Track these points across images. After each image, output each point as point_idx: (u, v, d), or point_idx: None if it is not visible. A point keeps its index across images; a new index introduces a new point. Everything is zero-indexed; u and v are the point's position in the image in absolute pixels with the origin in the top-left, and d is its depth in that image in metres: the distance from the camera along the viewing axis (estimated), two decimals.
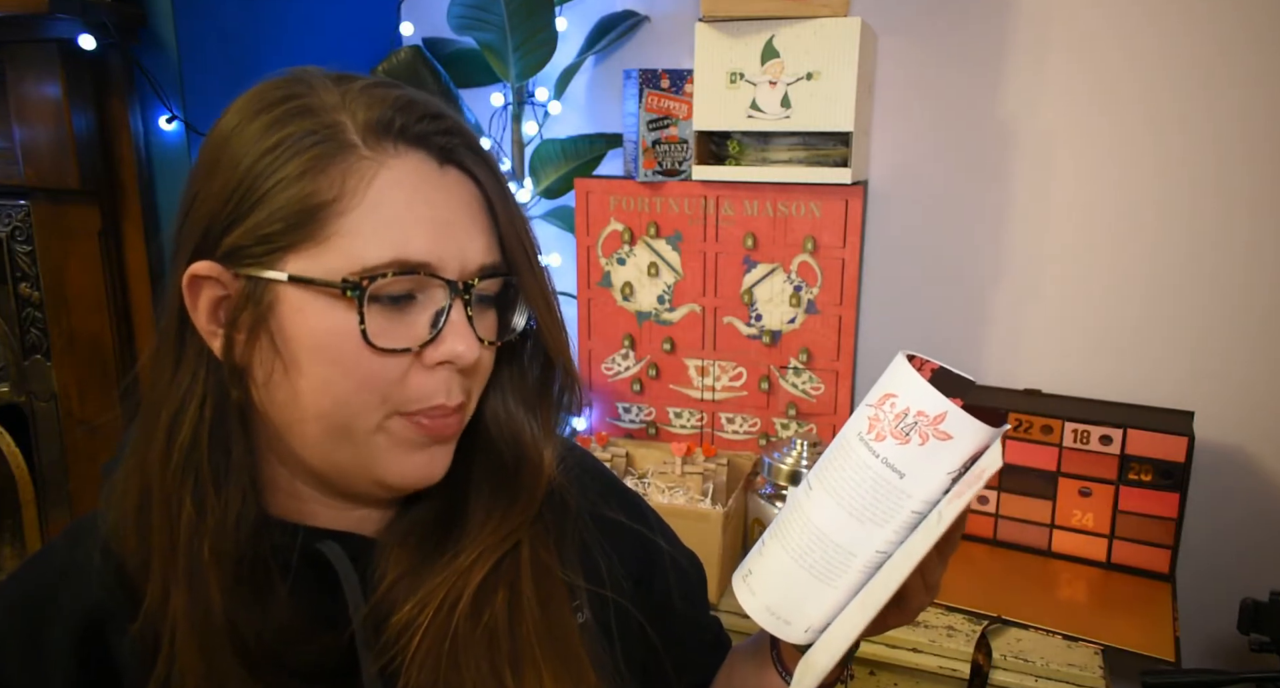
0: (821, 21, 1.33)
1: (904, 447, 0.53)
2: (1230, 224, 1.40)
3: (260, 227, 0.51)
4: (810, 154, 1.44)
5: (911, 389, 0.54)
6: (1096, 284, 1.49)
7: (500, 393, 0.63)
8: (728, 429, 1.62)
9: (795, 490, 0.61)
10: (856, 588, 0.57)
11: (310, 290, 0.51)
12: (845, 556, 0.56)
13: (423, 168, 0.53)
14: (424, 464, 0.57)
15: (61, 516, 1.54)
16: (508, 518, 0.60)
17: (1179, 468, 1.30)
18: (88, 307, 1.44)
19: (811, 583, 0.57)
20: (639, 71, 1.49)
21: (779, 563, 0.59)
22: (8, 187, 1.42)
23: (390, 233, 0.51)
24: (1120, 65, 1.42)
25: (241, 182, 0.52)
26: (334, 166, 0.51)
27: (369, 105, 0.53)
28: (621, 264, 1.61)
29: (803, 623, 0.59)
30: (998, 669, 1.16)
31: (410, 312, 0.53)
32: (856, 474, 0.55)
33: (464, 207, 0.55)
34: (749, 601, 0.60)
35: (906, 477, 0.54)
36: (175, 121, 1.39)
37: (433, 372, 0.54)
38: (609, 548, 0.68)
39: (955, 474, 0.54)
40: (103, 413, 1.47)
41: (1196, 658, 1.52)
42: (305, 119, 0.52)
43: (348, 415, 0.53)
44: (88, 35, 1.30)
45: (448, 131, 0.55)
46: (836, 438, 0.59)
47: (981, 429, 0.53)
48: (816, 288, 1.50)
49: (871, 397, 0.57)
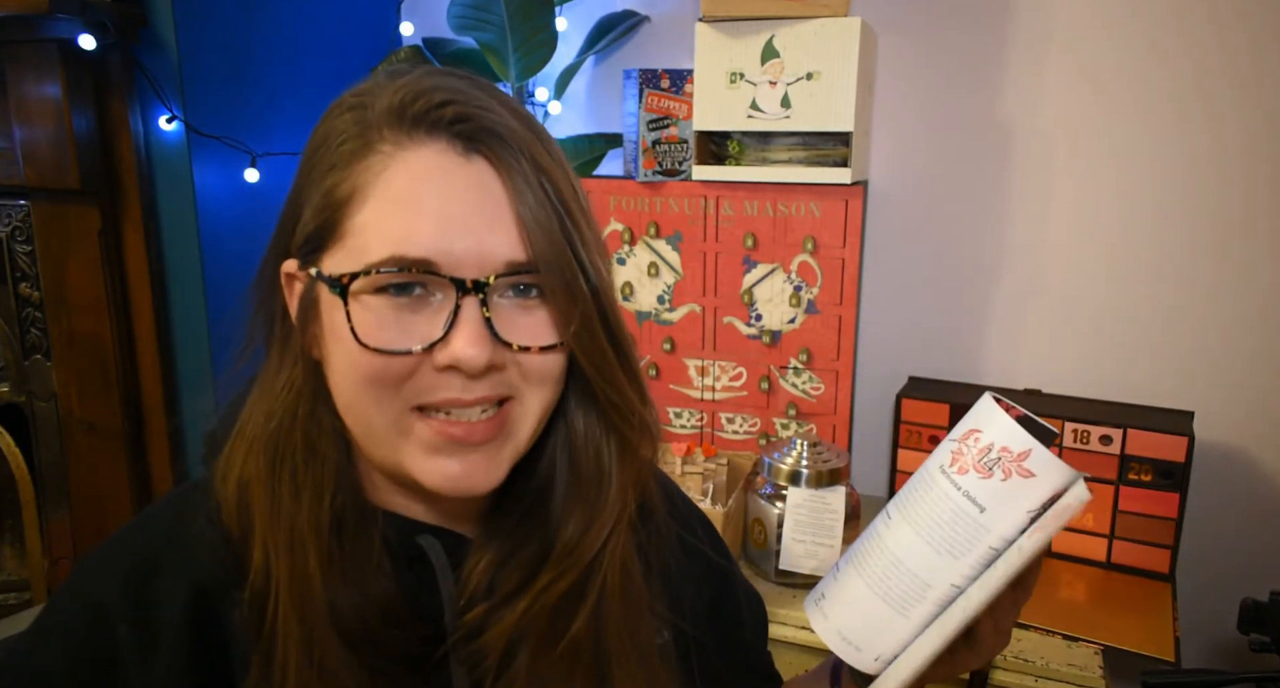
0: (821, 21, 1.32)
1: (986, 481, 0.55)
2: (1230, 224, 1.40)
3: (305, 226, 0.53)
4: (810, 154, 1.44)
5: (997, 426, 0.55)
6: (1096, 284, 1.49)
7: (584, 401, 0.58)
8: (728, 429, 1.62)
9: (875, 520, 0.61)
10: (928, 621, 0.58)
11: (328, 287, 0.52)
12: (921, 586, 0.57)
13: (441, 158, 0.50)
14: (458, 472, 0.53)
15: (61, 516, 1.54)
16: (587, 535, 0.58)
17: (1179, 468, 1.30)
18: (88, 307, 1.44)
19: (885, 611, 0.58)
20: (639, 71, 1.49)
21: (854, 589, 0.60)
22: (8, 187, 1.42)
23: (393, 228, 0.49)
24: (1120, 66, 1.42)
25: (297, 183, 0.54)
26: (359, 161, 0.51)
27: (393, 92, 0.51)
28: (622, 264, 1.61)
29: (873, 651, 0.59)
30: (998, 669, 1.16)
31: (422, 308, 0.51)
32: (937, 505, 0.56)
33: (488, 199, 0.51)
34: (821, 624, 0.61)
35: (987, 511, 0.55)
36: (175, 121, 1.39)
37: (444, 374, 0.51)
38: (690, 574, 0.68)
39: (1034, 514, 0.55)
40: (103, 413, 1.47)
41: (1196, 658, 1.52)
42: (347, 115, 0.53)
43: (363, 413, 0.53)
44: (88, 35, 1.30)
45: (469, 118, 0.51)
46: (919, 471, 0.59)
47: (1064, 470, 0.54)
48: (816, 288, 1.50)
49: (955, 433, 0.58)
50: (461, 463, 0.53)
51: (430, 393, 0.52)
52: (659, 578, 0.65)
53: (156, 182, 1.44)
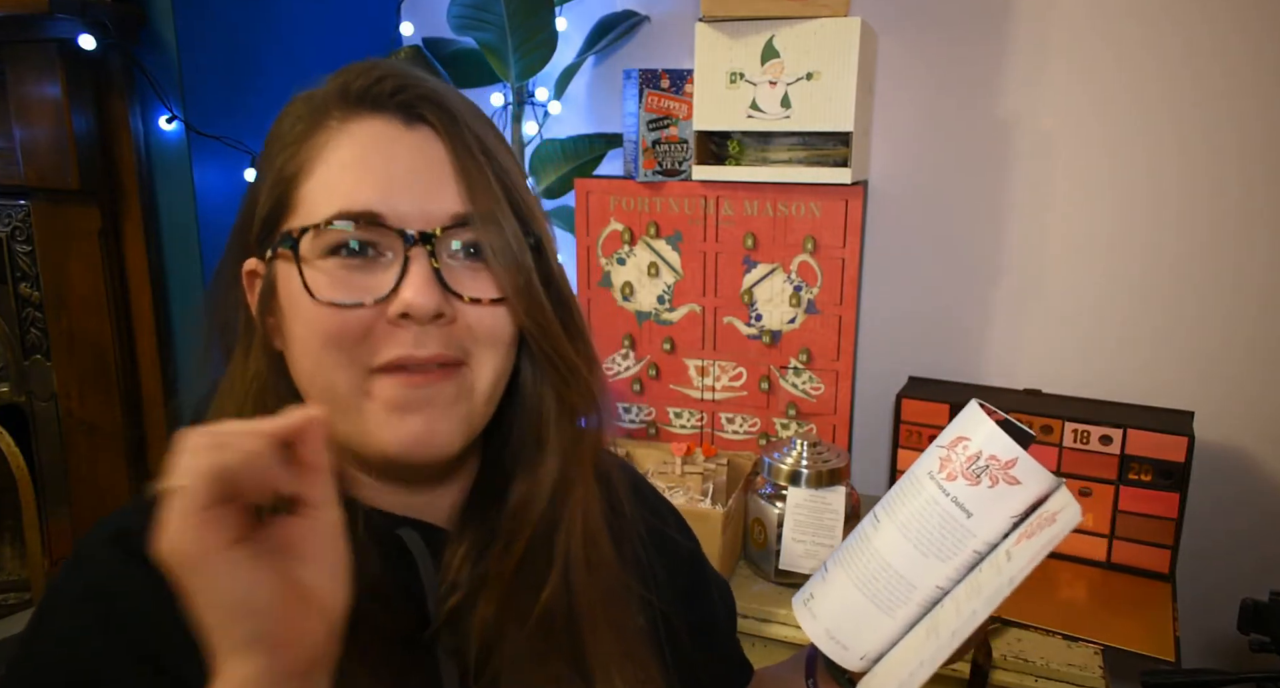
0: (821, 21, 1.33)
1: (974, 487, 0.56)
2: (1230, 224, 1.40)
3: (260, 210, 0.55)
4: (810, 154, 1.44)
5: (985, 434, 0.57)
6: (1096, 284, 1.49)
7: (532, 367, 0.59)
8: (728, 429, 1.62)
9: (863, 521, 0.63)
10: (912, 622, 0.59)
11: (283, 258, 0.54)
12: (907, 587, 0.59)
13: (387, 129, 0.54)
14: (419, 430, 0.53)
15: (61, 516, 1.54)
16: (530, 496, 0.59)
17: (1179, 468, 1.30)
18: (88, 307, 1.44)
19: (872, 611, 0.60)
20: (639, 71, 1.49)
21: (843, 591, 0.61)
22: (8, 186, 1.42)
23: (340, 187, 0.53)
24: (1119, 66, 1.42)
25: (253, 181, 0.57)
26: (305, 140, 0.54)
27: (340, 76, 0.56)
28: (621, 264, 1.61)
29: (859, 650, 0.61)
30: (998, 669, 1.16)
31: (374, 268, 0.53)
32: (925, 510, 0.58)
33: (434, 162, 0.54)
34: (810, 624, 0.63)
35: (974, 516, 0.57)
36: (175, 121, 1.39)
37: (398, 327, 0.52)
38: (663, 561, 0.70)
39: (1017, 519, 0.57)
40: (103, 413, 1.47)
41: (1196, 658, 1.52)
42: (298, 104, 0.57)
43: (327, 378, 0.53)
44: (88, 35, 1.30)
45: (414, 93, 0.55)
46: (905, 475, 0.61)
47: (1047, 477, 0.56)
48: (816, 288, 1.50)
49: (943, 439, 0.59)
50: (425, 421, 0.54)
51: (385, 351, 0.52)
52: (633, 562, 0.66)
53: (156, 182, 1.44)
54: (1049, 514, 0.55)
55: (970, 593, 0.56)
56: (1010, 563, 0.55)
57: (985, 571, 0.56)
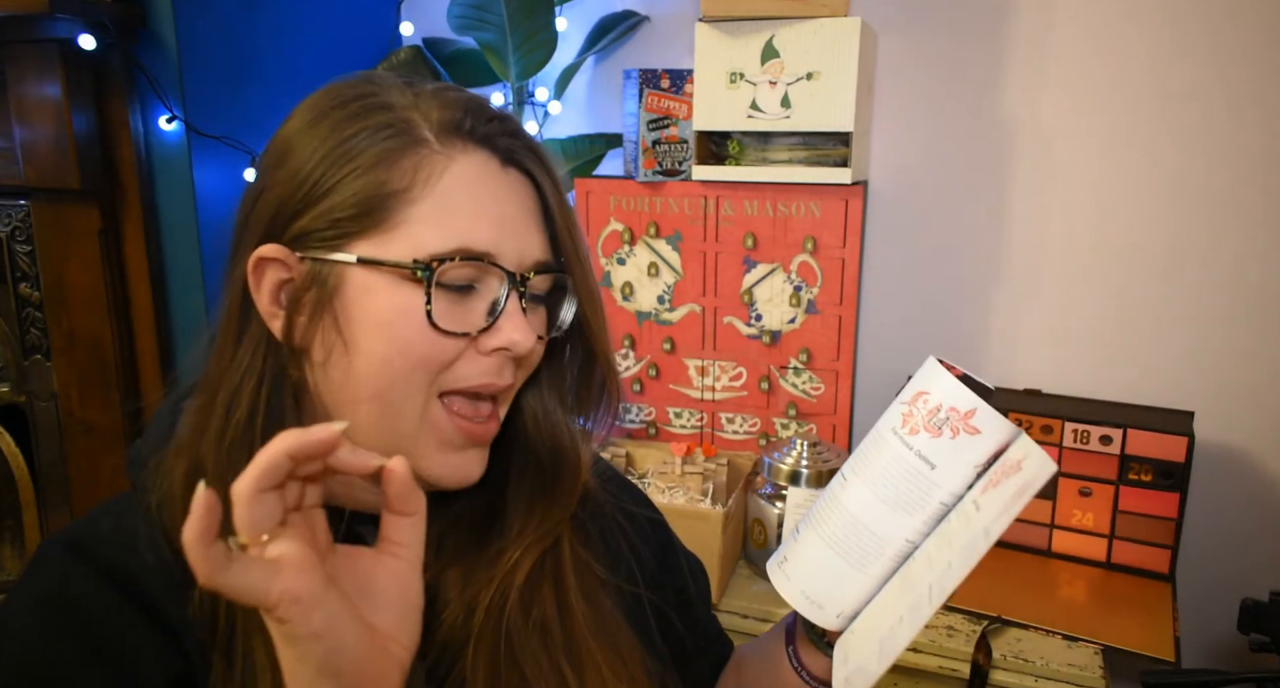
0: (821, 21, 1.33)
1: (936, 440, 0.57)
2: (1230, 224, 1.40)
3: (332, 211, 0.54)
4: (810, 154, 1.44)
5: (944, 387, 0.57)
6: (1096, 284, 1.49)
7: (539, 393, 0.65)
8: (728, 429, 1.62)
9: (831, 482, 0.64)
10: (886, 577, 0.60)
11: (378, 272, 0.54)
12: (879, 542, 0.59)
13: (488, 166, 0.57)
14: (461, 466, 0.59)
15: (61, 516, 1.54)
16: (548, 516, 0.63)
17: (1179, 468, 1.30)
18: (88, 307, 1.44)
19: (846, 569, 0.61)
20: (639, 71, 1.49)
21: (815, 550, 0.62)
22: (8, 186, 1.42)
23: (456, 223, 0.55)
24: (1119, 66, 1.42)
25: (315, 170, 0.55)
26: (406, 159, 0.55)
27: (441, 106, 0.57)
28: (621, 264, 1.61)
29: (835, 608, 0.61)
30: (998, 669, 1.16)
31: (469, 300, 0.56)
32: (891, 466, 0.59)
33: (523, 205, 0.59)
34: (784, 586, 0.63)
35: (937, 468, 0.57)
36: (175, 121, 1.39)
37: (486, 358, 0.57)
38: (634, 538, 0.72)
39: (980, 468, 0.58)
40: (103, 413, 1.47)
41: (1196, 658, 1.52)
42: (380, 114, 0.56)
43: (399, 396, 0.55)
44: (88, 35, 1.30)
45: (512, 134, 0.59)
46: (870, 433, 0.62)
47: (1006, 426, 0.57)
48: (816, 288, 1.50)
49: (904, 395, 0.60)
50: (466, 458, 0.59)
51: (469, 377, 0.56)
52: (604, 552, 0.69)
53: (156, 181, 1.44)
54: (1012, 462, 0.55)
55: (941, 545, 0.57)
56: (980, 513, 0.55)
57: (954, 521, 0.57)
